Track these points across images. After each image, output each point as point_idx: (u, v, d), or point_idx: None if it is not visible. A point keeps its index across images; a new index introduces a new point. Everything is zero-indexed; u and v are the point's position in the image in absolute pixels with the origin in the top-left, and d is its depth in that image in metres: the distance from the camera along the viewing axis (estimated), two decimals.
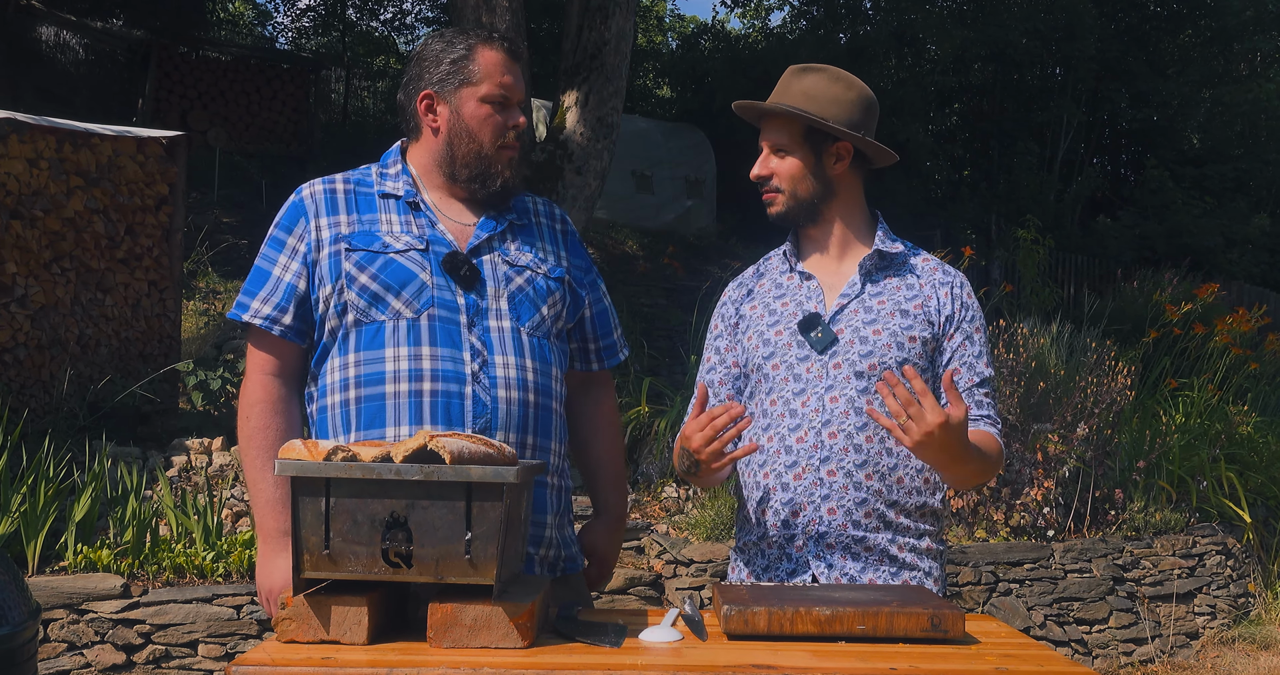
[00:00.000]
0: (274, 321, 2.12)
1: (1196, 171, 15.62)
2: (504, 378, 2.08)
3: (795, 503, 2.12)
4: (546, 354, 2.16)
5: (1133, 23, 16.60)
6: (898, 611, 1.74)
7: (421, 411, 2.05)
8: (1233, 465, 6.39)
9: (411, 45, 21.38)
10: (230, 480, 5.54)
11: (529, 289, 2.16)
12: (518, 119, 2.17)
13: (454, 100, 2.15)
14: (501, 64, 2.15)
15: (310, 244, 2.13)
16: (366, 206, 2.16)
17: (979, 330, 2.21)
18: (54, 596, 4.24)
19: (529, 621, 1.65)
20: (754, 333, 2.22)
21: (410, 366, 2.06)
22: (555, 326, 2.21)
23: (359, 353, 2.09)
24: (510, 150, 2.17)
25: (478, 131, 2.14)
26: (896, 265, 2.24)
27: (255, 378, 2.15)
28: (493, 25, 7.24)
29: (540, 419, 2.13)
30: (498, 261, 2.15)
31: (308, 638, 1.66)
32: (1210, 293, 8.09)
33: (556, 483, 2.21)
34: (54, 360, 5.99)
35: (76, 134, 6.12)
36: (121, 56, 14.31)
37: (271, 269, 2.14)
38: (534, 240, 2.23)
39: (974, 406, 2.16)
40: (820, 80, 2.18)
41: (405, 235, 2.12)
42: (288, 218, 2.18)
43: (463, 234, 2.16)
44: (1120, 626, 5.57)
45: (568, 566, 2.24)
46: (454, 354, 2.07)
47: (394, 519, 1.63)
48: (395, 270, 2.09)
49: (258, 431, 2.12)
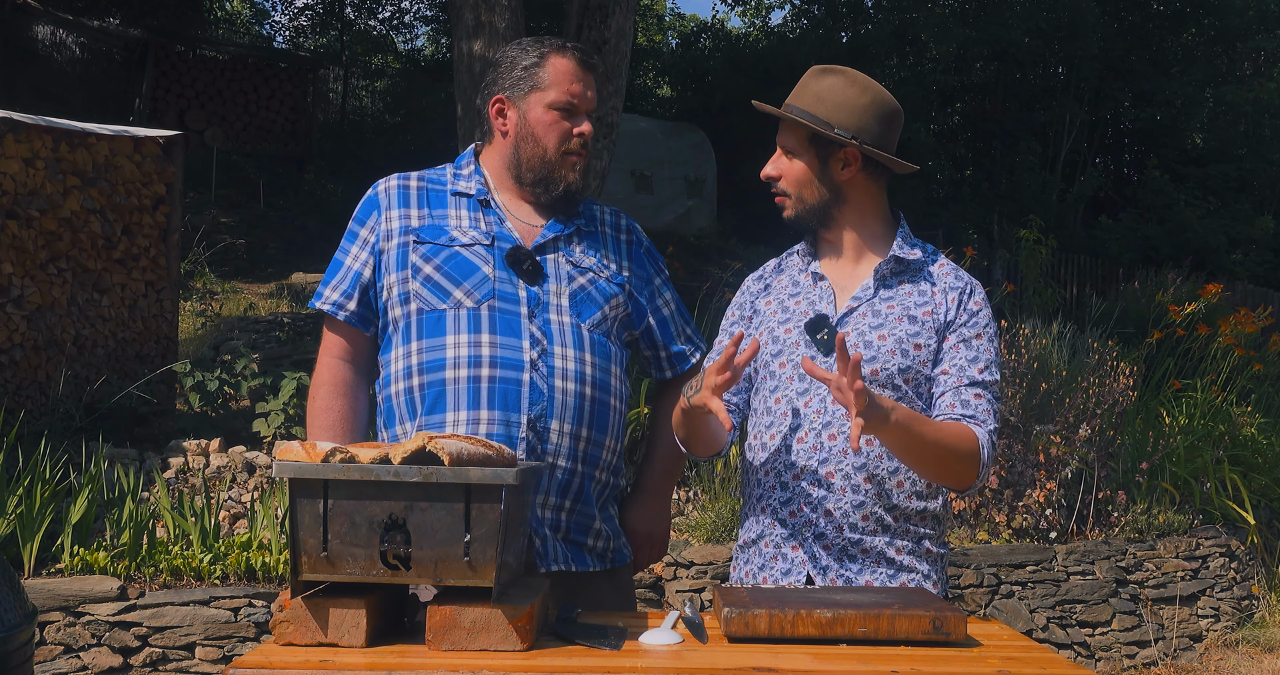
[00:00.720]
0: (340, 307, 2.24)
1: (1200, 171, 15.62)
2: (562, 368, 2.16)
3: (794, 503, 2.12)
4: (607, 352, 2.24)
5: (1136, 21, 16.60)
6: (899, 614, 1.74)
7: (479, 397, 2.12)
8: (1236, 467, 6.39)
9: (410, 44, 21.40)
10: (228, 482, 5.54)
11: (591, 289, 2.24)
12: (584, 126, 2.24)
13: (522, 105, 2.24)
14: (571, 72, 2.23)
15: (380, 235, 2.24)
16: (438, 202, 2.26)
17: (980, 336, 2.14)
18: (50, 599, 4.23)
19: (528, 624, 1.65)
20: (765, 328, 2.22)
21: (470, 353, 2.14)
22: (617, 329, 2.29)
23: (421, 341, 2.18)
24: (575, 156, 2.24)
25: (543, 136, 2.22)
26: (913, 271, 2.21)
27: (324, 360, 2.27)
28: (491, 24, 7.25)
29: (596, 413, 2.20)
30: (561, 261, 2.24)
31: (306, 640, 1.65)
32: (1214, 293, 8.08)
33: (604, 478, 2.26)
34: (50, 361, 5.99)
35: (73, 133, 6.12)
36: (118, 55, 14.31)
37: (344, 259, 2.27)
38: (599, 247, 2.31)
39: (958, 405, 2.08)
40: (837, 83, 2.15)
41: (473, 231, 2.22)
42: (363, 211, 2.29)
43: (529, 233, 2.25)
44: (1123, 629, 5.57)
45: (616, 558, 2.30)
46: (513, 342, 2.15)
47: (392, 521, 1.63)
48: (459, 263, 2.18)
49: (321, 412, 2.23)
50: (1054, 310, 9.65)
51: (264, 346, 8.40)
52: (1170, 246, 14.32)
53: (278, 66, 14.84)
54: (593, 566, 2.23)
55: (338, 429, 2.22)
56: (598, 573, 2.24)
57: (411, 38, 22.07)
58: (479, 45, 7.32)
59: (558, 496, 2.18)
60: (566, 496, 2.19)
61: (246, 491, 5.52)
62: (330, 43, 19.63)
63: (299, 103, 14.80)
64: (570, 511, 2.20)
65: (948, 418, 2.09)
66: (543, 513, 2.17)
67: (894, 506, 2.11)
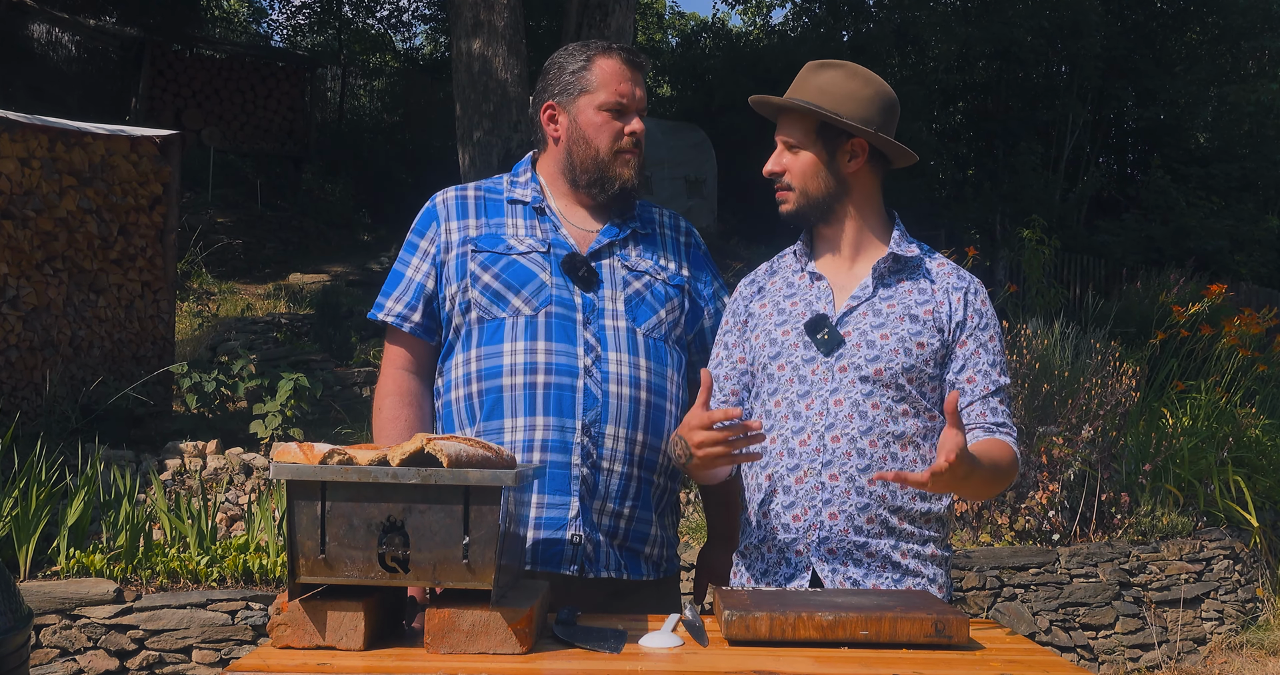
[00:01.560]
0: (405, 319, 2.28)
1: (1203, 171, 15.63)
2: (616, 374, 2.19)
3: (797, 506, 2.11)
4: (663, 355, 2.27)
5: (1139, 20, 16.61)
6: (901, 617, 1.73)
7: (535, 403, 2.16)
8: (1240, 468, 6.39)
9: (408, 43, 21.42)
10: (224, 484, 5.55)
11: (646, 293, 2.28)
12: (634, 124, 2.26)
13: (572, 109, 2.27)
14: (618, 72, 2.26)
15: (440, 246, 2.28)
16: (495, 211, 2.30)
17: (993, 338, 2.18)
18: (46, 602, 4.23)
19: (527, 627, 1.65)
20: (761, 332, 2.21)
21: (526, 360, 2.18)
22: (674, 332, 2.31)
23: (480, 348, 2.22)
24: (628, 154, 2.27)
25: (594, 137, 2.25)
26: (911, 268, 2.21)
27: (388, 372, 2.31)
28: (490, 22, 7.25)
29: (652, 418, 2.22)
30: (616, 266, 2.28)
31: (303, 643, 1.65)
32: (1218, 294, 8.07)
33: (663, 482, 2.28)
34: (46, 362, 5.99)
35: (69, 133, 6.12)
36: (115, 54, 14.32)
37: (405, 271, 2.31)
38: (655, 249, 2.35)
39: (988, 413, 2.14)
40: (838, 76, 2.17)
41: (529, 238, 2.26)
42: (421, 223, 2.33)
43: (585, 239, 2.29)
44: (1127, 632, 5.57)
45: (668, 567, 2.33)
46: (568, 349, 2.19)
47: (390, 523, 1.63)
48: (517, 270, 2.22)
49: (389, 422, 2.26)
50: (1057, 311, 9.64)
51: (261, 347, 8.41)
52: (1174, 247, 14.32)
53: (275, 65, 14.84)
54: (646, 575, 2.25)
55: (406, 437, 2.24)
56: (648, 582, 2.26)
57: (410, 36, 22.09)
58: (478, 44, 7.32)
59: (616, 502, 2.19)
60: (625, 502, 2.20)
61: (244, 493, 5.52)
62: (328, 41, 19.64)
63: (296, 102, 14.80)
64: (629, 519, 2.22)
65: (980, 429, 2.14)
66: (599, 519, 2.18)
67: (898, 508, 2.11)
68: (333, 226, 13.76)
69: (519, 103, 7.39)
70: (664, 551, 2.31)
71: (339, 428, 6.84)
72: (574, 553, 2.15)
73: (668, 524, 2.34)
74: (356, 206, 14.54)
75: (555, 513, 2.15)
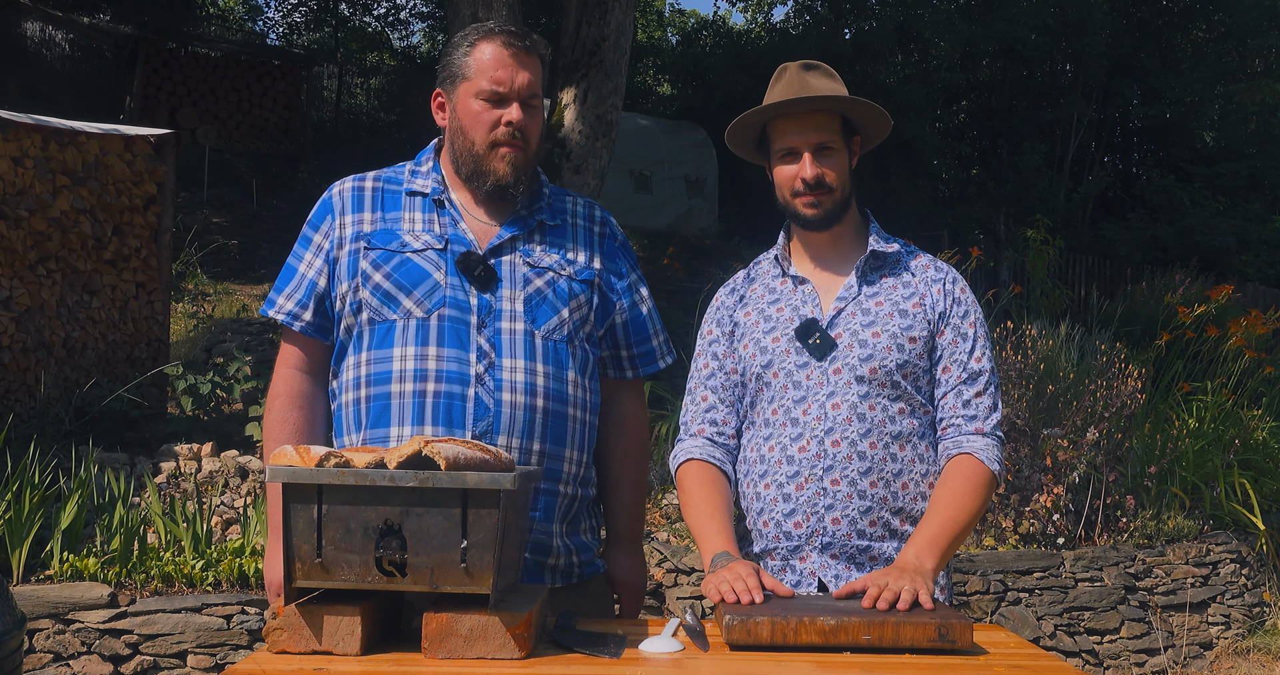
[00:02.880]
0: (295, 317, 2.18)
1: (1209, 170, 15.63)
2: (510, 381, 2.08)
3: (798, 514, 2.11)
4: (563, 358, 2.15)
5: (1144, 18, 16.62)
6: (904, 621, 1.73)
7: (424, 412, 2.06)
8: (1247, 471, 6.38)
9: (405, 41, 21.41)
10: (220, 487, 5.54)
11: (549, 291, 2.15)
12: (512, 114, 2.12)
13: (454, 97, 2.16)
14: (496, 57, 2.12)
15: (333, 242, 2.17)
16: (392, 204, 2.19)
17: (973, 325, 2.18)
18: (39, 606, 4.23)
19: (526, 631, 1.64)
20: (750, 341, 2.21)
21: (416, 366, 2.08)
22: (582, 331, 2.19)
23: (370, 352, 2.12)
24: (505, 147, 2.12)
25: (469, 128, 2.13)
26: (891, 264, 2.23)
27: (280, 372, 2.22)
28: (489, 21, 7.24)
29: (550, 426, 2.12)
30: (518, 262, 2.15)
31: (299, 648, 1.65)
32: (1224, 294, 8.08)
33: (570, 491, 2.18)
34: (39, 364, 5.99)
35: (62, 132, 6.12)
36: (109, 53, 14.31)
37: (298, 266, 2.20)
38: (564, 242, 2.22)
39: (960, 406, 2.14)
40: (824, 76, 2.20)
41: (426, 234, 2.15)
42: (317, 215, 2.22)
43: (486, 234, 2.17)
44: (1132, 637, 5.57)
45: (585, 571, 2.23)
46: (460, 355, 2.08)
47: (388, 526, 1.63)
48: (410, 270, 2.11)
49: (276, 424, 2.18)
50: (1061, 312, 9.65)
51: (257, 349, 8.40)
52: (1179, 247, 14.33)
53: (271, 64, 14.84)
54: (552, 583, 2.16)
55: (294, 441, 2.17)
56: (561, 588, 2.17)
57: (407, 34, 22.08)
58: None
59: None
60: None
61: (239, 496, 5.52)
62: (324, 39, 19.64)
63: (292, 101, 14.80)
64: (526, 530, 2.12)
65: (950, 423, 2.15)
66: None
67: (900, 510, 2.12)
68: None
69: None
70: (575, 558, 2.20)
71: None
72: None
73: (583, 529, 2.24)
74: None
75: None
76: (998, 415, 2.16)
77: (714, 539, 2.07)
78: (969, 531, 2.08)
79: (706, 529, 2.10)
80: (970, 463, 2.11)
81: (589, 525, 2.27)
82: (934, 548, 2.01)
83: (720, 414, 2.23)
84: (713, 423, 2.23)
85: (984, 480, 2.10)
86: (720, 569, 1.96)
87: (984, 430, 2.14)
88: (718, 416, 2.23)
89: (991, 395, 2.16)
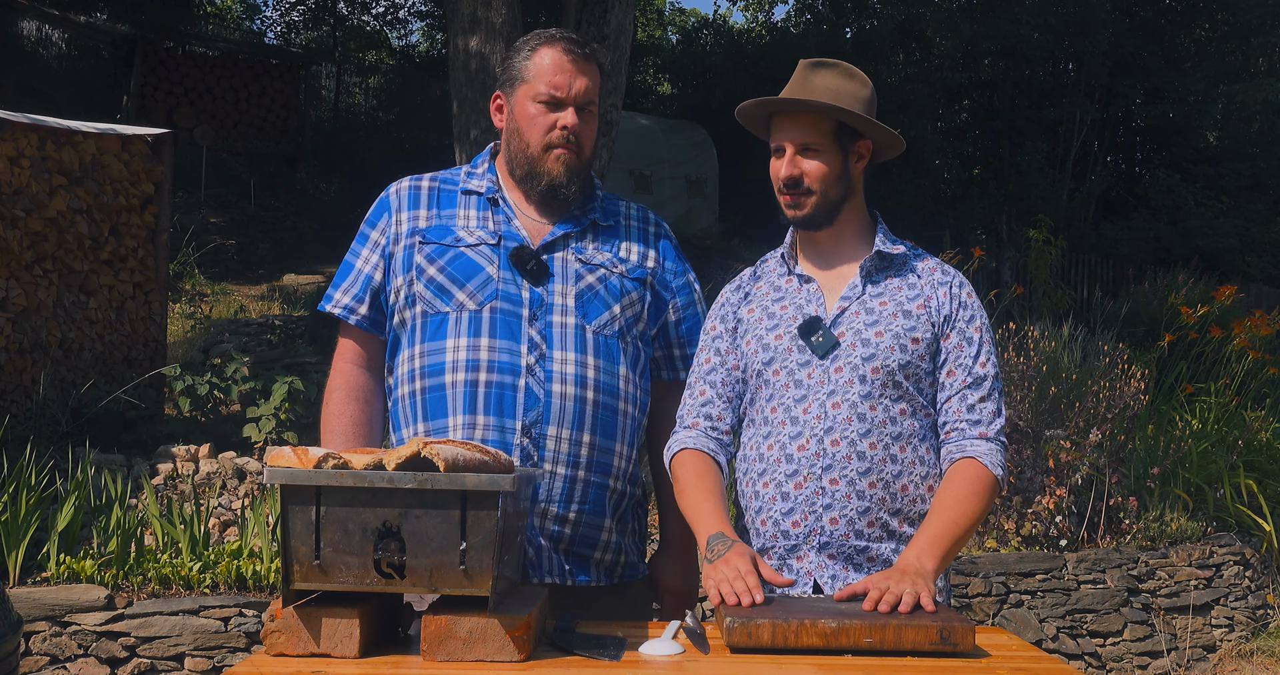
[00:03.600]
0: (352, 311, 2.26)
1: (1212, 170, 15.63)
2: (560, 372, 2.15)
3: (796, 513, 2.11)
4: (615, 353, 2.22)
5: (1147, 16, 16.61)
6: (906, 624, 1.74)
7: (476, 402, 2.13)
8: (1251, 473, 6.38)
9: (404, 40, 21.42)
10: (217, 488, 5.54)
11: (600, 287, 2.23)
12: (567, 118, 2.20)
13: (513, 100, 2.25)
14: (556, 63, 2.21)
15: (390, 237, 2.25)
16: (447, 202, 2.27)
17: (979, 330, 2.19)
18: (36, 608, 4.23)
19: (526, 634, 1.65)
20: (752, 337, 2.22)
21: (468, 357, 2.15)
22: (635, 328, 2.26)
23: (424, 344, 2.19)
24: (559, 149, 2.21)
25: (526, 130, 2.22)
26: (897, 266, 2.24)
27: (337, 366, 2.30)
28: (488, 19, 7.25)
29: (601, 418, 2.18)
30: (570, 259, 2.23)
31: (297, 651, 1.65)
32: (1228, 295, 8.08)
33: (620, 487, 2.25)
34: (36, 365, 5.99)
35: (59, 131, 6.13)
36: (106, 52, 14.32)
37: (355, 262, 2.29)
38: (617, 240, 2.30)
39: (964, 410, 2.15)
40: (837, 77, 2.18)
41: (480, 230, 2.23)
42: (374, 214, 2.30)
43: (539, 231, 2.25)
44: (1135, 639, 5.57)
45: (626, 574, 2.28)
46: (511, 346, 2.15)
47: (386, 528, 1.63)
48: (463, 263, 2.19)
49: (334, 418, 2.25)
50: (1064, 312, 9.64)
51: (255, 349, 8.40)
52: (1182, 247, 14.33)
53: (269, 63, 14.85)
54: (596, 580, 2.21)
55: (350, 434, 2.24)
56: (602, 587, 2.22)
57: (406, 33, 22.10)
58: (475, 41, 7.32)
59: (560, 506, 2.16)
60: (569, 506, 2.17)
61: (237, 498, 5.52)
62: (323, 38, 19.65)
63: (290, 100, 14.81)
64: (575, 523, 2.18)
65: (953, 428, 2.16)
66: (540, 522, 2.15)
67: (899, 511, 2.12)
68: (327, 227, 13.75)
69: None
70: (619, 557, 2.26)
71: None
72: None
73: (628, 529, 2.29)
74: (351, 206, 14.51)
75: None
76: (1001, 420, 2.17)
77: (709, 520, 2.08)
78: (970, 535, 2.09)
79: (701, 510, 2.11)
80: (973, 466, 2.11)
81: (634, 528, 2.33)
82: (935, 550, 2.01)
83: (716, 409, 2.24)
84: (708, 417, 2.23)
85: (986, 484, 2.11)
86: (718, 561, 1.97)
87: (988, 435, 2.14)
88: (713, 411, 2.24)
89: (996, 400, 2.17)
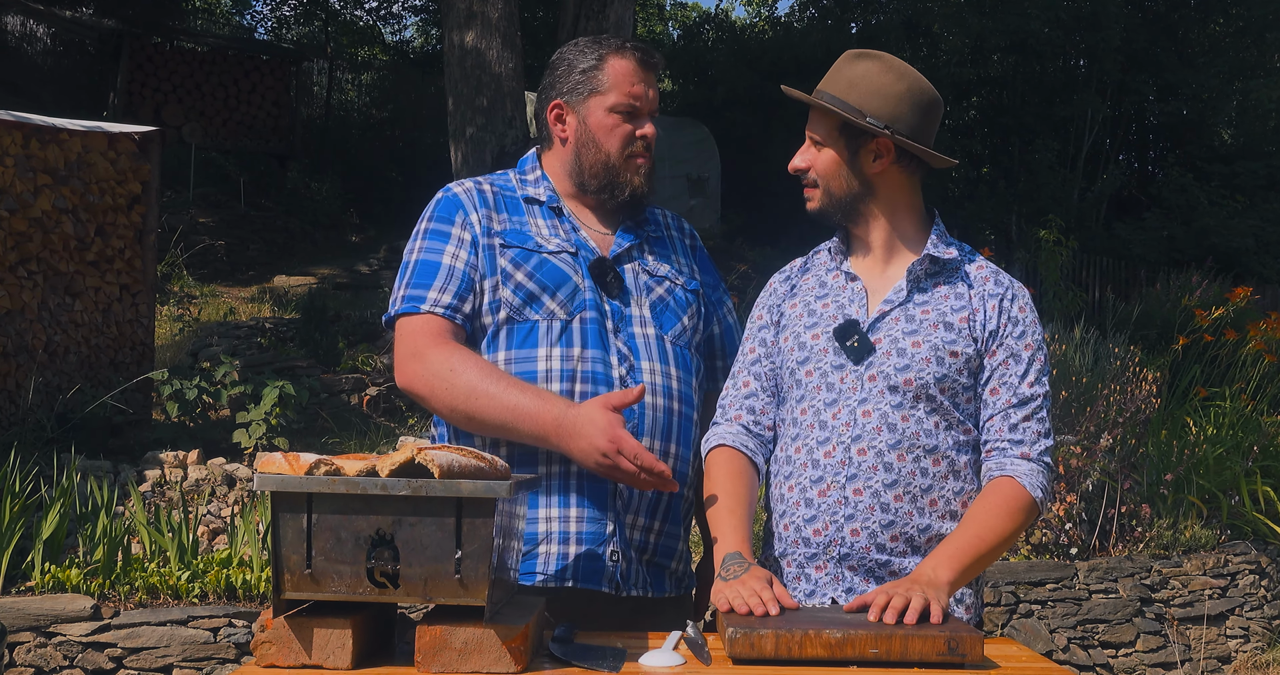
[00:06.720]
0: (456, 310, 2.16)
1: (1227, 169, 15.63)
2: (650, 383, 2.18)
3: (818, 520, 2.09)
4: (688, 363, 2.28)
5: (1160, 11, 16.62)
6: (912, 634, 1.73)
7: None
8: (1267, 479, 6.38)
9: (398, 35, 21.44)
10: (206, 495, 5.54)
11: (669, 299, 2.29)
12: (646, 128, 2.25)
13: (582, 110, 2.25)
14: (631, 73, 2.24)
15: (474, 234, 2.20)
16: (514, 208, 2.27)
17: (1030, 346, 2.12)
18: (20, 618, 4.23)
19: (523, 645, 1.65)
20: (790, 334, 2.19)
21: (562, 366, 2.16)
22: (695, 338, 2.32)
23: (510, 351, 2.18)
24: (640, 159, 2.25)
25: (604, 141, 2.24)
26: (949, 272, 2.17)
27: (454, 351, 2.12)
28: (484, 14, 7.26)
29: (682, 428, 2.23)
30: (638, 271, 2.28)
31: (288, 662, 1.65)
32: (1242, 296, 8.08)
33: (690, 496, 2.28)
34: (20, 369, 5.99)
35: (44, 129, 6.13)
36: (91, 47, 14.34)
37: (442, 259, 2.18)
38: (668, 253, 2.36)
39: (1006, 429, 2.09)
40: (872, 69, 2.13)
41: (554, 238, 2.23)
42: (444, 211, 2.24)
43: (604, 242, 2.28)
44: (1148, 650, 5.57)
45: (688, 583, 2.34)
46: (603, 357, 2.17)
47: (380, 536, 1.63)
48: (550, 270, 2.20)
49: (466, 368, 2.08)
50: (1075, 314, 9.64)
51: (245, 353, 8.40)
52: (1196, 247, 14.32)
53: (259, 59, 14.84)
54: (669, 591, 2.25)
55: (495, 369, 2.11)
56: (670, 599, 2.26)
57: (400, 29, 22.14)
58: (471, 36, 7.33)
59: (646, 517, 2.19)
60: (655, 517, 2.20)
61: (226, 505, 5.52)
62: (314, 34, 19.66)
63: (281, 97, 14.81)
64: (658, 533, 2.22)
65: (994, 447, 2.11)
66: (631, 534, 2.17)
67: (927, 527, 2.08)
68: (319, 227, 13.77)
69: (514, 97, 7.40)
70: (685, 566, 2.32)
71: (326, 437, 6.84)
72: (613, 570, 2.15)
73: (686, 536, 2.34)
74: (344, 206, 14.54)
75: (594, 528, 2.14)
76: (1048, 441, 2.11)
77: (729, 537, 2.05)
78: (998, 554, 2.04)
79: (724, 524, 2.08)
80: (1010, 485, 2.06)
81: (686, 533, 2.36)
82: (954, 562, 1.97)
83: (760, 402, 2.21)
84: (751, 411, 2.21)
85: (1022, 505, 2.05)
86: (733, 581, 1.95)
87: (1030, 455, 2.08)
88: (757, 404, 2.21)
89: (1043, 421, 2.11)
